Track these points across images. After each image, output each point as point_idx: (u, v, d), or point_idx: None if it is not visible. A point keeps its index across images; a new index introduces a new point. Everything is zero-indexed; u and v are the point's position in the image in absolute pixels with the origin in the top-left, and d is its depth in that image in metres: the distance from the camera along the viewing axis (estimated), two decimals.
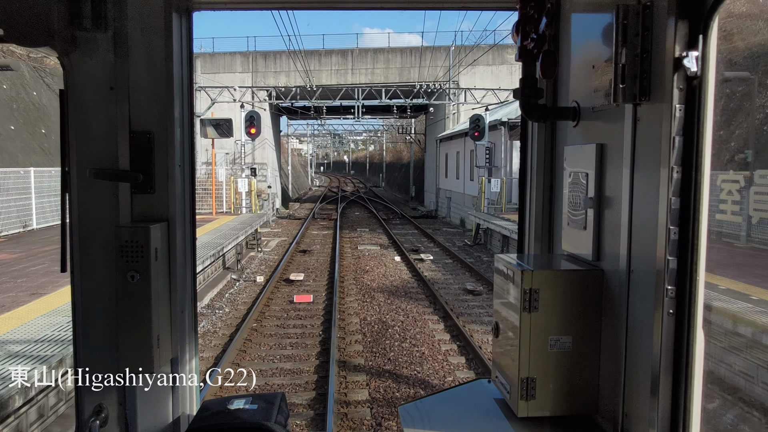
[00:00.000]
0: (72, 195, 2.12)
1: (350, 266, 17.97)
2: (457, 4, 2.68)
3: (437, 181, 38.53)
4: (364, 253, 20.55)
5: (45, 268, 12.13)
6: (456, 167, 33.16)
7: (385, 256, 19.96)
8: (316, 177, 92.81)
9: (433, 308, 13.01)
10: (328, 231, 27.31)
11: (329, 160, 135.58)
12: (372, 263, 18.38)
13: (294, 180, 62.34)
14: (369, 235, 25.71)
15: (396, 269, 17.47)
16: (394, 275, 16.57)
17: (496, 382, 2.18)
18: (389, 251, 20.99)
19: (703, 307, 1.57)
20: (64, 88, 2.09)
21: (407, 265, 18.13)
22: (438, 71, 36.92)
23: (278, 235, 26.13)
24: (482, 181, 24.67)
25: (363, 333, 11.16)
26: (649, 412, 1.64)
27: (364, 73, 38.38)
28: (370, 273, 16.78)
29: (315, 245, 22.76)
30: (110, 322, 2.12)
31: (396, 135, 74.91)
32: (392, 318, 12.16)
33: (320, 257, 19.92)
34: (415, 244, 22.93)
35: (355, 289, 14.80)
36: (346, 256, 19.85)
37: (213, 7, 2.55)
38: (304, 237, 25.13)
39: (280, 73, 37.94)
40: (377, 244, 22.67)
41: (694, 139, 1.54)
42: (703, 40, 1.52)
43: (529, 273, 1.91)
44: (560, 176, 2.33)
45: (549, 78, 2.26)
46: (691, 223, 1.56)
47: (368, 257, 19.64)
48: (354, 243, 23.15)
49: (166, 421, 2.28)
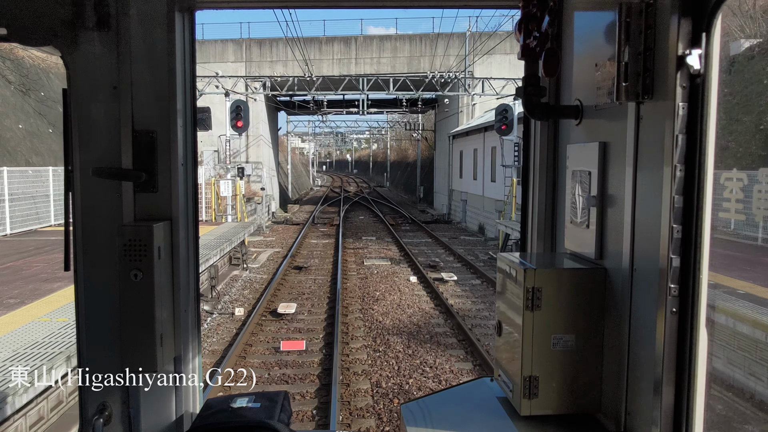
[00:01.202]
0: (75, 194, 2.11)
1: (355, 290, 14.42)
2: (459, 2, 3.02)
3: (450, 181, 34.89)
4: (372, 270, 16.99)
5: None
6: (473, 166, 29.53)
7: (397, 274, 16.40)
8: (318, 176, 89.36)
9: (472, 362, 9.46)
10: (329, 239, 23.77)
11: (331, 159, 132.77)
12: (383, 286, 14.82)
13: (294, 180, 58.81)
14: (376, 245, 22.15)
15: (413, 295, 13.91)
16: (411, 305, 13.00)
17: (499, 380, 2.18)
18: (402, 267, 17.44)
19: (706, 306, 1.57)
20: (67, 87, 2.09)
21: (426, 289, 14.58)
22: (450, 61, 33.28)
23: (271, 244, 22.58)
24: (513, 183, 21.03)
25: (377, 413, 7.60)
26: (652, 410, 1.64)
27: (369, 63, 34.79)
28: (381, 302, 13.20)
29: (313, 259, 19.21)
30: (113, 320, 2.10)
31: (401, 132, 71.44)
32: (417, 381, 8.60)
33: (319, 276, 16.37)
34: (432, 258, 19.37)
35: (363, 329, 11.24)
36: (350, 275, 16.29)
37: (216, 5, 2.63)
38: (300, 247, 21.58)
39: (276, 63, 34.35)
40: (387, 258, 19.12)
41: (697, 137, 1.53)
42: (706, 37, 1.51)
43: (532, 271, 1.91)
44: (563, 175, 2.31)
45: (552, 76, 2.22)
46: (695, 222, 1.55)
47: (377, 276, 16.08)
48: (359, 255, 19.58)
49: (170, 420, 2.27)
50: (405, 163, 67.52)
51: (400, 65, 34.53)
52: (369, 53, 34.85)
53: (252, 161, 34.76)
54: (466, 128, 30.94)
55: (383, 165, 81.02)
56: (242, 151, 34.42)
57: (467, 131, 30.62)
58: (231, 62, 33.93)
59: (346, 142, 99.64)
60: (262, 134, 35.52)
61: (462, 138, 32.12)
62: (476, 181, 29.00)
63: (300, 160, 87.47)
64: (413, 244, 22.52)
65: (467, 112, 34.33)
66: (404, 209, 37.71)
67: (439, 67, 32.22)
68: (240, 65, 34.11)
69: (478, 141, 28.59)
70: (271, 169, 39.43)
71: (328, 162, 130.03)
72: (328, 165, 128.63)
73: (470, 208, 29.80)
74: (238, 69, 33.58)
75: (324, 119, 56.45)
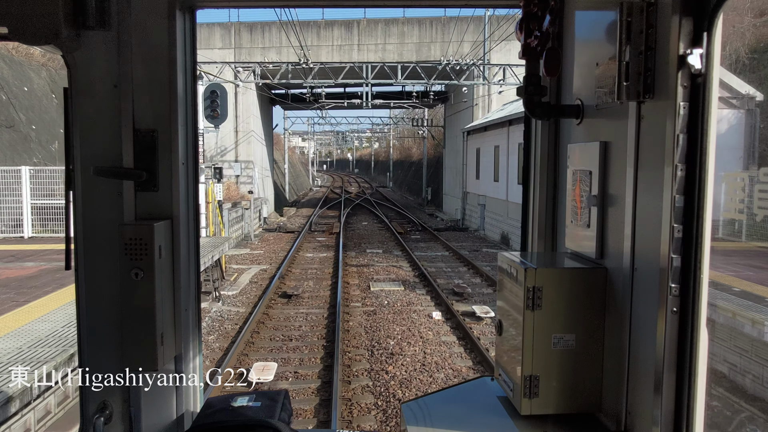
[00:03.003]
0: (76, 193, 2.11)
1: (360, 335, 10.67)
2: (459, 2, 2.96)
3: (464, 183, 31.07)
4: (381, 299, 13.24)
5: None
6: (494, 166, 25.71)
7: (414, 307, 12.65)
8: (317, 176, 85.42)
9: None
10: (327, 252, 20.02)
11: (332, 158, 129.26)
12: (397, 328, 11.05)
13: (293, 180, 54.95)
14: (383, 260, 18.39)
15: (440, 344, 10.16)
16: (441, 362, 9.24)
17: (500, 380, 2.18)
18: (419, 295, 13.70)
19: (707, 305, 1.59)
20: (68, 86, 2.09)
21: (456, 332, 10.84)
22: (465, 48, 29.48)
23: (258, 260, 18.83)
24: None
25: None
26: (653, 410, 1.64)
27: (374, 49, 31.00)
28: (397, 358, 9.41)
29: (307, 280, 15.47)
30: (114, 319, 2.11)
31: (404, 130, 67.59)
32: None
33: (312, 308, 12.62)
34: (453, 279, 15.63)
35: (375, 411, 7.48)
36: (353, 308, 12.55)
37: (217, 4, 2.65)
38: (293, 264, 17.83)
39: (269, 50, 30.57)
40: (398, 279, 15.38)
41: (698, 136, 1.54)
42: (707, 37, 1.51)
43: (533, 271, 1.91)
44: (564, 174, 2.30)
45: (553, 75, 2.22)
46: (695, 221, 1.55)
47: (388, 311, 12.33)
48: (364, 276, 15.84)
49: (170, 419, 2.27)
50: (408, 163, 63.76)
51: (408, 52, 30.75)
52: (373, 39, 31.06)
53: (242, 160, 31.01)
54: (485, 122, 27.12)
55: (385, 164, 77.22)
56: (230, 149, 30.67)
57: (485, 126, 26.80)
58: (218, 49, 30.15)
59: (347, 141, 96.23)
60: (254, 130, 31.77)
61: (479, 134, 28.31)
62: (498, 183, 25.20)
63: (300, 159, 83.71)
64: (428, 258, 18.77)
65: (483, 105, 30.54)
66: (411, 213, 33.93)
67: (452, 54, 28.43)
68: (228, 52, 30.34)
69: (500, 137, 24.79)
70: (265, 168, 35.64)
71: (328, 161, 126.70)
72: (328, 164, 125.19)
73: (490, 213, 26.01)
74: (225, 57, 29.81)
75: (323, 115, 52.67)
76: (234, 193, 26.81)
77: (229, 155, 30.63)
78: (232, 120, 30.46)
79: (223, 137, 29.72)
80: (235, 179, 29.81)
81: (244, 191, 27.63)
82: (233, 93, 30.63)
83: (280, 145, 53.05)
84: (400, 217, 32.26)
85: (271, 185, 37.71)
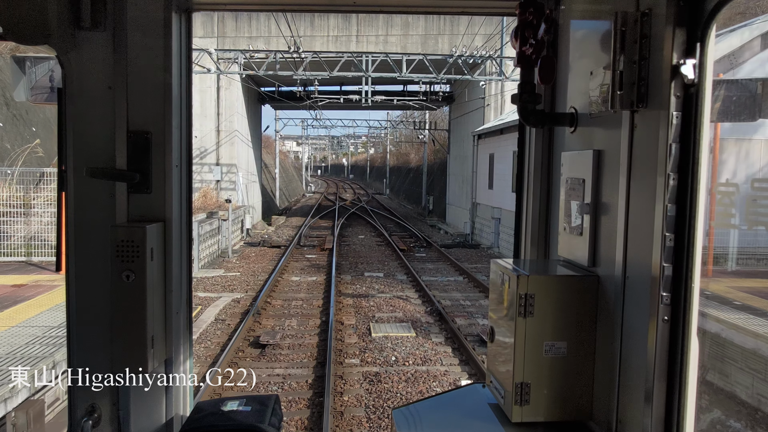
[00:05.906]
0: (68, 194, 2.12)
1: (361, 423, 7.22)
2: (456, 9, 2.91)
3: (474, 193, 27.67)
4: (387, 354, 9.80)
5: None
6: (511, 175, 22.38)
7: (433, 367, 9.23)
8: (311, 181, 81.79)
9: None
10: (317, 275, 16.57)
11: (327, 163, 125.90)
12: None
13: (284, 185, 51.44)
14: (386, 288, 14.96)
15: None
16: None
17: (491, 386, 2.17)
18: (436, 345, 10.28)
19: (698, 314, 1.58)
20: (62, 86, 2.09)
21: None
22: (476, 42, 26.19)
23: (231, 285, 15.36)
24: None
25: None
26: (643, 418, 1.63)
27: (375, 41, 27.66)
28: None
29: (289, 318, 12.01)
30: (105, 321, 2.11)
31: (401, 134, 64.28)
32: None
33: (292, 368, 9.17)
34: (474, 316, 12.23)
35: None
36: (350, 370, 9.10)
37: (213, 8, 2.69)
38: (273, 292, 14.37)
39: (257, 39, 27.12)
40: (407, 320, 11.95)
41: (691, 146, 1.54)
42: (700, 47, 1.52)
43: (525, 278, 1.90)
44: (557, 182, 2.31)
45: (547, 83, 2.26)
46: (687, 230, 1.55)
47: (398, 375, 8.90)
48: (362, 313, 12.40)
49: (160, 422, 2.26)
50: (406, 169, 60.37)
51: (413, 45, 27.41)
52: (374, 29, 27.71)
53: (224, 163, 27.54)
54: (501, 124, 23.78)
55: (381, 170, 73.84)
56: (211, 151, 27.20)
57: (501, 128, 23.46)
58: (199, 37, 26.59)
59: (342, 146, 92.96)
60: (238, 129, 28.30)
61: (493, 138, 24.97)
62: (515, 193, 21.86)
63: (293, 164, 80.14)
64: (439, 286, 15.37)
65: (495, 106, 27.24)
66: (412, 224, 30.53)
67: (461, 49, 25.12)
68: (210, 41, 26.87)
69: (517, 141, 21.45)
70: (251, 173, 32.15)
71: (323, 166, 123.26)
72: (323, 169, 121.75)
73: (506, 229, 22.65)
74: (208, 46, 26.42)
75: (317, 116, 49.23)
76: (212, 201, 23.34)
77: (209, 158, 27.17)
78: (213, 118, 27.03)
79: (203, 137, 26.29)
80: (215, 184, 26.34)
81: (222, 199, 24.13)
82: (215, 88, 27.19)
83: (272, 149, 49.57)
84: (401, 229, 28.84)
85: (258, 191, 34.22)
